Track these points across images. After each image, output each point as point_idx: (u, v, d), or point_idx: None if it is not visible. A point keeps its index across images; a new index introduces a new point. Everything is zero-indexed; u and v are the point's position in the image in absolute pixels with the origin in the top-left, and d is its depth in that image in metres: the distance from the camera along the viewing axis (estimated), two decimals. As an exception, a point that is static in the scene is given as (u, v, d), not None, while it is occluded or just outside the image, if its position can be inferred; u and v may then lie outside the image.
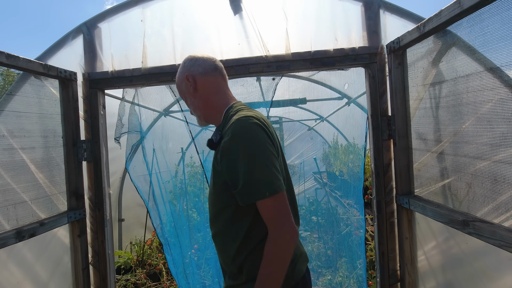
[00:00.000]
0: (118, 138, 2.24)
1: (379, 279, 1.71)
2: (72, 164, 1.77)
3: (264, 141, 0.95)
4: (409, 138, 1.57)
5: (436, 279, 1.45)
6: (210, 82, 1.16)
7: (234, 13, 1.84)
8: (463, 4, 1.04)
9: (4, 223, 1.42)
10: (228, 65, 1.75)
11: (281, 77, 2.16)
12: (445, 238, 1.39)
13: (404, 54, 1.56)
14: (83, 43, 1.86)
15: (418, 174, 1.53)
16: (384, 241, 1.69)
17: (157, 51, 1.84)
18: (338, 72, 2.41)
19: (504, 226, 0.99)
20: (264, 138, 0.96)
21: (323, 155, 6.29)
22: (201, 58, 1.20)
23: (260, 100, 2.42)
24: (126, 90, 2.16)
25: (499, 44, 0.99)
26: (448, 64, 1.25)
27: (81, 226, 1.78)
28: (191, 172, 3.84)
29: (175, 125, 3.25)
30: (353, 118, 3.11)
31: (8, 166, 1.47)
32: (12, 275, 1.52)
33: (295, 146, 6.92)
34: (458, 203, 1.24)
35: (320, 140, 6.63)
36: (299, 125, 6.63)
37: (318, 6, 1.79)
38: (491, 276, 1.14)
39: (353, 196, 2.57)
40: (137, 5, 1.88)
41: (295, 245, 0.96)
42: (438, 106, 1.33)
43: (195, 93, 1.16)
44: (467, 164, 1.18)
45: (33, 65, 1.54)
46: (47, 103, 1.69)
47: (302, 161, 6.78)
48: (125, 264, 3.31)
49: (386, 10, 1.69)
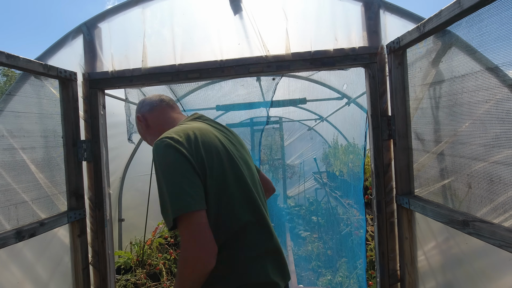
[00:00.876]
0: (130, 138, 2.24)
1: (379, 279, 1.71)
2: (72, 164, 1.77)
3: (173, 162, 0.93)
4: (409, 138, 1.57)
5: (436, 279, 1.45)
6: (158, 115, 1.27)
7: (234, 13, 1.84)
8: (463, 4, 1.04)
9: (4, 223, 1.42)
10: (228, 65, 1.75)
11: (281, 77, 2.17)
12: (445, 238, 1.39)
13: (404, 54, 1.56)
14: (83, 43, 1.86)
15: (418, 174, 1.53)
16: (384, 241, 1.69)
17: (157, 51, 1.84)
18: (338, 72, 2.41)
19: (504, 226, 0.99)
20: (173, 158, 0.94)
21: (323, 155, 6.30)
22: (147, 98, 1.33)
23: (260, 100, 2.42)
24: (128, 91, 2.17)
25: (499, 44, 0.99)
26: (448, 64, 1.25)
27: (81, 226, 1.78)
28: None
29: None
30: (353, 118, 3.12)
31: (9, 166, 1.48)
32: (13, 275, 1.52)
33: (295, 146, 6.93)
34: (458, 203, 1.24)
35: (320, 140, 6.64)
36: (299, 125, 6.64)
37: (318, 6, 1.79)
38: (491, 276, 1.14)
39: (353, 196, 2.58)
40: (137, 5, 1.88)
41: (228, 265, 0.94)
42: (438, 106, 1.33)
43: (148, 129, 1.28)
44: (467, 164, 1.18)
45: (33, 65, 1.54)
46: (47, 103, 1.69)
47: (302, 161, 6.79)
48: (125, 264, 3.31)
49: (386, 10, 1.69)
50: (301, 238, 4.07)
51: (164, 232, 4.07)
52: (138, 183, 4.00)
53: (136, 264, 3.34)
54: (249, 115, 2.69)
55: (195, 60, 1.79)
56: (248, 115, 2.69)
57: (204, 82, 2.59)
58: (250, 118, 4.40)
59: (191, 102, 2.50)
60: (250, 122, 4.81)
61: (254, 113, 2.63)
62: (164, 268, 3.27)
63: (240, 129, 4.56)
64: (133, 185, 3.94)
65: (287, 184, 6.26)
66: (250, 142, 4.72)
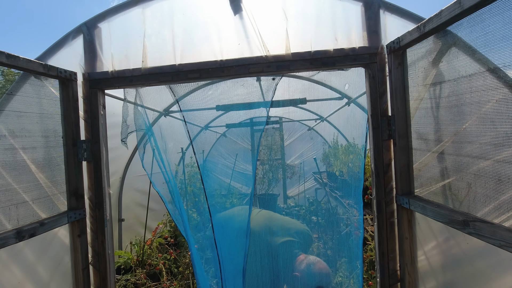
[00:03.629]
0: (124, 139, 2.23)
1: (379, 279, 1.70)
2: (72, 164, 1.77)
3: None
4: (409, 138, 1.57)
5: (436, 279, 1.45)
6: None
7: (234, 13, 1.84)
8: (463, 4, 1.04)
9: (5, 223, 1.42)
10: (228, 65, 1.75)
11: (281, 77, 2.16)
12: (445, 238, 1.39)
13: (404, 54, 1.56)
14: (83, 43, 1.86)
15: (418, 174, 1.52)
16: (384, 241, 1.69)
17: (157, 51, 1.84)
18: (338, 72, 2.41)
19: (505, 226, 0.99)
20: None
21: (323, 155, 6.29)
22: None
23: (260, 100, 2.42)
24: (127, 91, 2.16)
25: (500, 44, 0.99)
26: (448, 64, 1.25)
27: (81, 226, 1.78)
28: (191, 172, 3.84)
29: (176, 125, 3.26)
30: (353, 118, 3.12)
31: (9, 166, 1.47)
32: (13, 275, 1.52)
33: (295, 146, 6.92)
34: (458, 203, 1.24)
35: (320, 140, 6.63)
36: (299, 125, 6.63)
37: (318, 6, 1.79)
38: (491, 276, 1.14)
39: (353, 197, 2.57)
40: (137, 5, 1.88)
41: None
42: (438, 106, 1.33)
43: None
44: (467, 164, 1.18)
45: (33, 65, 1.54)
46: (47, 103, 1.69)
47: (302, 161, 6.78)
48: (125, 264, 3.30)
49: (386, 10, 1.69)
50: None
51: (164, 232, 4.07)
52: (138, 183, 4.00)
53: (136, 264, 3.34)
54: (249, 115, 2.68)
55: (195, 60, 1.79)
56: (248, 115, 2.69)
57: (204, 82, 2.58)
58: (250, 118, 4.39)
59: (191, 102, 2.50)
60: (250, 122, 4.80)
61: (254, 113, 2.63)
62: (164, 268, 3.27)
63: (240, 130, 4.56)
64: (133, 185, 3.94)
65: (287, 184, 6.26)
66: (250, 143, 4.72)
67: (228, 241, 2.15)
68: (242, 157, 4.21)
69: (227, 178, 3.59)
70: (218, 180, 3.30)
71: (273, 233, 2.22)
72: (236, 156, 4.10)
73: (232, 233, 2.19)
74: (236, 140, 4.41)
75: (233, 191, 3.41)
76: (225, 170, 3.69)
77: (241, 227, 2.15)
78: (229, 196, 3.26)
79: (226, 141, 4.89)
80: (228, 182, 3.55)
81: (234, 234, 2.18)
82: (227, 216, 2.36)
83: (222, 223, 2.23)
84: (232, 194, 3.33)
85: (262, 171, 4.82)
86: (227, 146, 4.93)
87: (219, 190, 3.10)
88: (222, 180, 3.44)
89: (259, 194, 4.44)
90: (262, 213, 2.55)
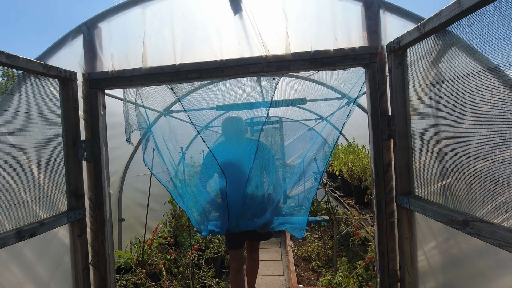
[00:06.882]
0: (129, 139, 2.24)
1: (379, 279, 1.71)
2: (72, 164, 1.77)
3: None
4: (409, 138, 1.57)
5: (436, 279, 1.45)
6: None
7: (234, 13, 1.84)
8: (463, 4, 1.04)
9: (5, 223, 1.42)
10: (228, 65, 1.75)
11: (281, 77, 2.16)
12: (445, 238, 1.39)
13: (404, 54, 1.56)
14: (83, 43, 1.86)
15: (418, 174, 1.53)
16: (384, 241, 1.69)
17: (157, 51, 1.84)
18: (338, 72, 2.41)
19: (504, 226, 0.99)
20: None
21: (323, 155, 6.29)
22: None
23: (260, 100, 2.42)
24: (126, 90, 2.16)
25: (499, 44, 0.99)
26: (448, 64, 1.25)
27: (81, 226, 1.78)
28: (191, 172, 3.84)
29: (176, 125, 3.26)
30: (353, 118, 3.13)
31: (9, 166, 1.48)
32: (13, 275, 1.52)
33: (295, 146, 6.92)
34: (458, 203, 1.24)
35: (320, 140, 6.63)
36: (299, 125, 6.63)
37: (318, 6, 1.79)
38: (491, 276, 1.14)
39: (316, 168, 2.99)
40: (137, 5, 1.88)
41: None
42: (438, 106, 1.33)
43: None
44: (467, 164, 1.18)
45: (33, 65, 1.54)
46: (47, 103, 1.69)
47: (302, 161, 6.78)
48: (125, 264, 3.31)
49: (386, 10, 1.69)
50: (301, 238, 4.08)
51: (164, 232, 4.08)
52: (138, 183, 4.00)
53: (136, 264, 3.34)
54: (249, 115, 2.69)
55: (195, 60, 1.79)
56: (248, 115, 2.70)
57: (204, 82, 2.58)
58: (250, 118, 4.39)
59: (191, 102, 2.50)
60: (250, 122, 4.81)
61: (254, 113, 2.64)
62: (164, 268, 3.28)
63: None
64: (133, 185, 3.94)
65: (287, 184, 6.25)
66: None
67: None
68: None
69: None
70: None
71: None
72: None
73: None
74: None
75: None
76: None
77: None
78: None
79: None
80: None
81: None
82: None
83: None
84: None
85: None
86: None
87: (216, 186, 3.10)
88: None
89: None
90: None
